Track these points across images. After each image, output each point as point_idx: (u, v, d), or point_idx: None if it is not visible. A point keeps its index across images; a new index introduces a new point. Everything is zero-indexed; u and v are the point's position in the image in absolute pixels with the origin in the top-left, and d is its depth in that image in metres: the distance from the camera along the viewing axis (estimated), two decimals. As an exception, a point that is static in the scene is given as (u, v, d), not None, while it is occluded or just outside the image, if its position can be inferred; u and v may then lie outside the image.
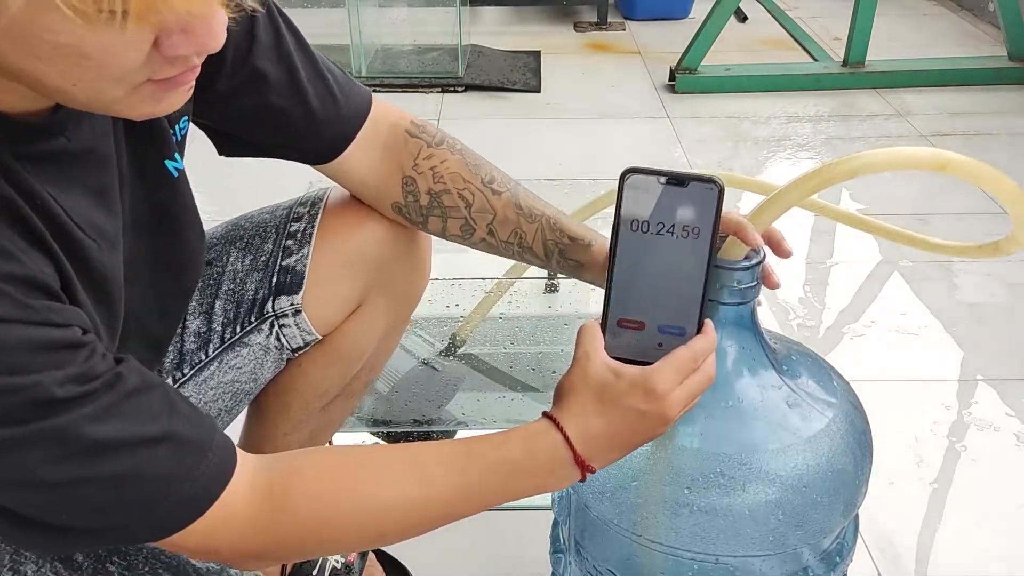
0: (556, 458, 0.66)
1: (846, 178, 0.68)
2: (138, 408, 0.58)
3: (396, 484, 0.65)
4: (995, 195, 0.66)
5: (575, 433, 0.65)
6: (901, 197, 2.07)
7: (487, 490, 0.66)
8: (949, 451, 1.35)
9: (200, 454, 0.60)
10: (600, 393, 0.65)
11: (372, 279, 0.90)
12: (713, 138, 2.44)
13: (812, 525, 0.73)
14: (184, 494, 0.59)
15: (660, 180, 0.62)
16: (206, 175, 1.06)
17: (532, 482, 0.67)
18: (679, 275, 0.64)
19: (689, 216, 0.63)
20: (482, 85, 2.75)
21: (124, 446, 0.56)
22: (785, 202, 0.70)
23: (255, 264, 0.88)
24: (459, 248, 0.91)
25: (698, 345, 0.66)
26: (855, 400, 0.79)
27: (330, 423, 1.01)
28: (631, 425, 0.65)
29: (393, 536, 0.67)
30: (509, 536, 1.19)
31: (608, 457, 0.67)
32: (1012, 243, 0.72)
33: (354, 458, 0.67)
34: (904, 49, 2.94)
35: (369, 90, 0.87)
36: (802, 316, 1.69)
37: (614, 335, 0.66)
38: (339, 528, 0.65)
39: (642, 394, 0.64)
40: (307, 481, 0.64)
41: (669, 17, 3.39)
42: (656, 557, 0.74)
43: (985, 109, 2.56)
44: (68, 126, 0.59)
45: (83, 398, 0.54)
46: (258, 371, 0.90)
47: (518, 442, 0.66)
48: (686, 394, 0.65)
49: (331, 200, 0.90)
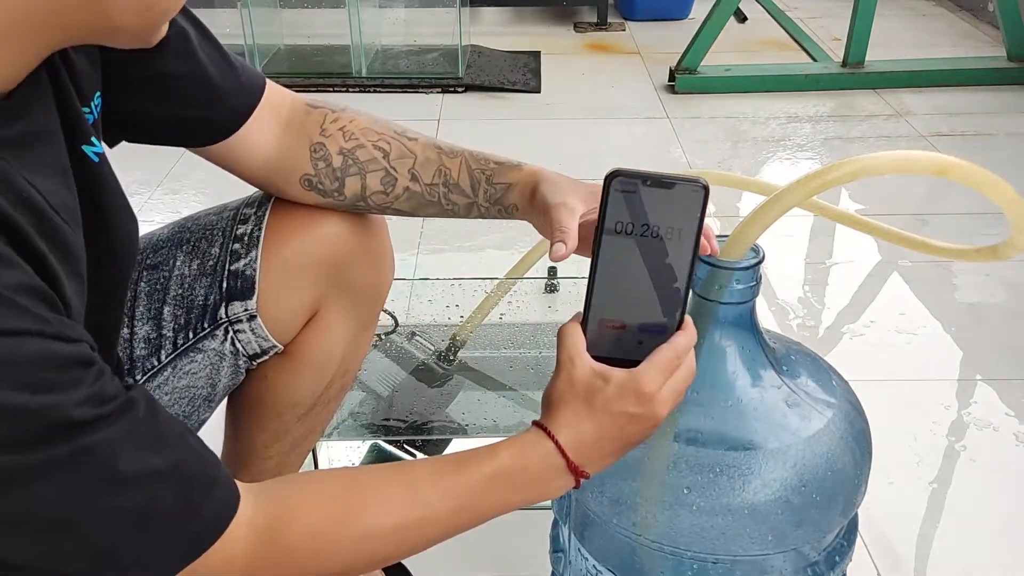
0: (550, 467, 0.65)
1: (847, 181, 0.68)
2: (152, 436, 0.55)
3: (393, 510, 0.64)
4: (994, 201, 0.67)
5: (567, 440, 0.65)
6: (901, 197, 2.07)
7: (483, 505, 0.66)
8: (948, 451, 1.35)
9: (208, 489, 0.58)
10: (589, 399, 0.65)
11: (329, 280, 0.88)
12: (713, 138, 2.44)
13: (811, 524, 0.73)
14: (191, 531, 0.57)
15: (646, 183, 0.62)
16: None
17: (527, 493, 0.66)
18: (662, 275, 0.64)
19: (674, 217, 0.63)
20: (482, 85, 2.75)
21: (140, 477, 0.53)
22: (785, 203, 0.70)
23: (203, 269, 0.86)
24: (459, 248, 0.91)
25: (679, 342, 0.66)
26: (854, 400, 0.79)
27: (310, 431, 0.99)
28: (622, 428, 0.65)
29: (393, 559, 0.67)
30: (509, 536, 1.19)
31: (601, 462, 0.67)
32: (1010, 248, 0.72)
33: (349, 487, 0.65)
34: (903, 49, 2.94)
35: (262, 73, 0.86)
36: (802, 316, 1.69)
37: (595, 335, 0.66)
38: (340, 561, 0.64)
39: (631, 397, 0.64)
40: (306, 517, 0.62)
41: (669, 17, 3.39)
42: (656, 557, 0.75)
43: (984, 109, 2.56)
44: (26, 106, 0.56)
45: (98, 421, 0.51)
46: (214, 377, 0.87)
47: (510, 454, 0.65)
48: (672, 392, 0.65)
49: (278, 201, 0.87)
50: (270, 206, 0.87)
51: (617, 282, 0.65)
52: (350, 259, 0.88)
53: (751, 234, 0.71)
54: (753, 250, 0.72)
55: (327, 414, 1.00)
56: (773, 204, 0.70)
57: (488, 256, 1.81)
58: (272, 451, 0.95)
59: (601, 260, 0.64)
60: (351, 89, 2.73)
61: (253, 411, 0.93)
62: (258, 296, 0.85)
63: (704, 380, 0.74)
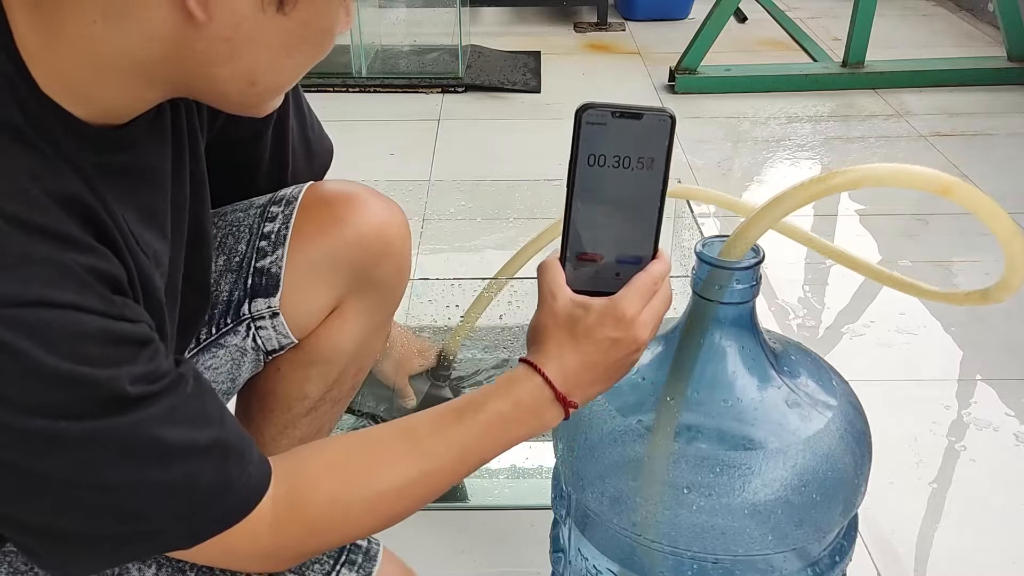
0: (540, 400, 0.67)
1: (850, 188, 0.68)
2: (197, 412, 0.58)
3: (401, 468, 0.66)
4: (991, 230, 0.66)
5: (554, 371, 0.67)
6: (901, 197, 2.06)
7: (484, 448, 0.68)
8: (948, 451, 1.35)
9: (243, 464, 0.60)
10: (571, 328, 0.67)
11: (349, 280, 0.89)
12: (713, 138, 2.44)
13: (811, 524, 0.73)
14: (226, 503, 0.59)
15: (615, 114, 0.64)
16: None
17: (522, 429, 0.68)
18: (635, 206, 0.66)
19: (644, 148, 0.65)
20: (482, 85, 2.75)
21: (184, 451, 0.56)
22: (787, 206, 0.70)
23: (228, 265, 0.87)
24: (459, 248, 0.92)
25: (656, 269, 0.68)
26: (854, 400, 0.79)
27: (318, 430, 0.99)
28: (605, 354, 0.67)
29: (406, 515, 0.68)
30: (509, 536, 1.19)
31: (588, 390, 0.69)
32: (1002, 289, 0.69)
33: (357, 450, 0.67)
34: (903, 49, 2.94)
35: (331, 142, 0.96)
36: (802, 316, 1.69)
37: (574, 269, 0.68)
38: (357, 526, 0.66)
39: (612, 322, 0.67)
40: (322, 487, 0.64)
41: (669, 17, 3.39)
42: (656, 557, 0.75)
43: (984, 109, 2.56)
44: (136, 141, 0.60)
45: (151, 398, 0.54)
46: (235, 372, 0.89)
47: (502, 394, 0.68)
48: (651, 316, 0.68)
49: (305, 199, 0.88)
50: (298, 204, 0.88)
51: (592, 215, 0.67)
52: (374, 261, 0.89)
53: (751, 235, 0.71)
54: (753, 250, 0.72)
55: (335, 413, 1.00)
56: (775, 206, 0.70)
57: (488, 256, 1.81)
58: (280, 445, 0.96)
59: (576, 194, 0.66)
60: (351, 89, 2.73)
61: (263, 402, 0.94)
62: (282, 294, 0.86)
63: (704, 380, 0.74)
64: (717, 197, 0.99)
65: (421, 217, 1.70)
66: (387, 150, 2.35)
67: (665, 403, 0.75)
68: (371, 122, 2.51)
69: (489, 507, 1.24)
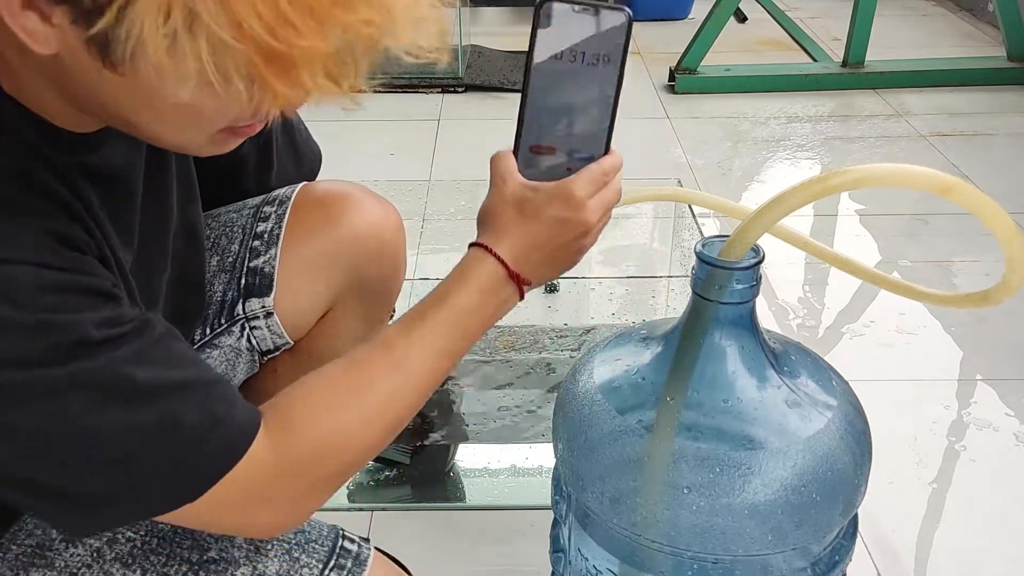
0: (495, 280, 0.68)
1: (850, 188, 0.68)
2: (170, 352, 0.57)
3: (384, 380, 0.66)
4: (992, 231, 0.66)
5: (504, 250, 0.68)
6: (901, 197, 2.07)
7: (454, 342, 0.68)
8: (948, 451, 1.35)
9: (227, 403, 0.59)
10: (521, 207, 0.68)
11: (345, 280, 0.89)
12: (713, 138, 2.44)
13: (811, 524, 0.73)
14: (215, 443, 0.57)
15: (574, 8, 0.65)
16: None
17: (485, 315, 0.69)
18: (590, 102, 0.68)
19: (601, 44, 0.66)
20: (482, 85, 2.75)
21: (159, 389, 0.55)
22: (787, 206, 0.70)
23: (222, 265, 0.87)
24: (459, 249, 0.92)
25: (607, 162, 0.69)
26: (854, 400, 0.79)
27: None
28: (555, 235, 0.68)
29: (402, 423, 0.68)
30: (509, 536, 1.19)
31: (540, 272, 0.70)
32: (1003, 291, 0.69)
33: (340, 374, 0.66)
34: (903, 49, 2.94)
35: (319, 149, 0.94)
36: (802, 316, 1.69)
37: (526, 161, 0.70)
38: (357, 443, 0.65)
39: (561, 202, 0.68)
40: (312, 416, 0.63)
41: (669, 17, 3.39)
42: (656, 557, 0.75)
43: (984, 109, 2.56)
44: (107, 143, 0.60)
45: (117, 339, 0.54)
46: (230, 373, 0.88)
47: (459, 285, 0.68)
48: (601, 203, 0.69)
49: (299, 199, 0.88)
50: (290, 204, 0.88)
51: (547, 108, 0.69)
52: (368, 260, 0.89)
53: (751, 235, 0.71)
54: (753, 250, 0.72)
55: None
56: (775, 206, 0.70)
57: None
58: None
59: (531, 86, 0.68)
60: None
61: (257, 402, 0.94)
62: (275, 293, 0.86)
63: (704, 380, 0.74)
64: (715, 202, 0.99)
65: (421, 217, 1.70)
66: (387, 150, 2.35)
67: (665, 403, 0.75)
68: (371, 122, 2.51)
69: (489, 507, 1.24)
